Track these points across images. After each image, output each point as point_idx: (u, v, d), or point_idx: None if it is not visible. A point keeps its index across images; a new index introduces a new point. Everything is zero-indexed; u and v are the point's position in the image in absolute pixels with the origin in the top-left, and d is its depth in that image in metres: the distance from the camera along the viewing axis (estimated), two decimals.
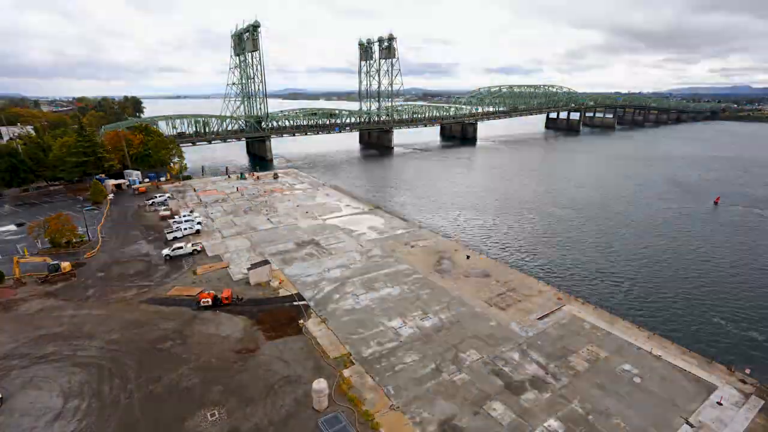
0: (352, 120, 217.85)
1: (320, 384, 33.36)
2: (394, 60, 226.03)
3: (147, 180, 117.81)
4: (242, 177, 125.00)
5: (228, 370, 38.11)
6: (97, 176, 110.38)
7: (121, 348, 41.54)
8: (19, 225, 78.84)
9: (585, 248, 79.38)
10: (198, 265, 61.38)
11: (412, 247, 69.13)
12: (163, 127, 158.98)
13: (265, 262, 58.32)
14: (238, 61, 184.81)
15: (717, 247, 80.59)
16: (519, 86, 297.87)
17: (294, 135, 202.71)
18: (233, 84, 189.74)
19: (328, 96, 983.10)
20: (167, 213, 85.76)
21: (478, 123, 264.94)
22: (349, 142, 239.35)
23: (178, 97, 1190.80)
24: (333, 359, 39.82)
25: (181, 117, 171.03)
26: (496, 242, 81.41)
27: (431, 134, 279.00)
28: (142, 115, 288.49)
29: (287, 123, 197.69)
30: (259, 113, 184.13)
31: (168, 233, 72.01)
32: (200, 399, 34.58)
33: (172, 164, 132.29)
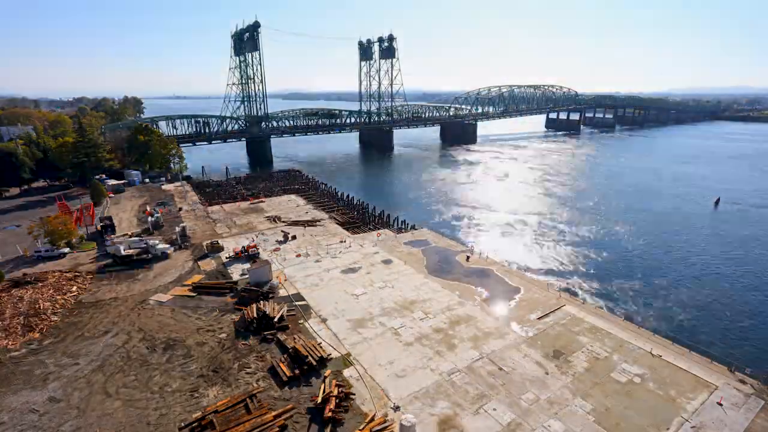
0: (352, 120, 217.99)
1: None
2: (394, 60, 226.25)
3: (147, 180, 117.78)
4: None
5: None
6: (97, 176, 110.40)
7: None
8: (17, 225, 78.79)
9: (585, 248, 79.42)
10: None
11: (413, 246, 69.08)
12: (163, 128, 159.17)
13: (266, 262, 58.28)
14: (238, 62, 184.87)
15: (716, 247, 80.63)
16: (519, 86, 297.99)
17: (294, 135, 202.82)
18: (233, 84, 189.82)
19: (329, 96, 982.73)
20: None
21: (478, 123, 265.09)
22: (349, 142, 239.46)
23: (178, 97, 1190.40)
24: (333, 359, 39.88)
25: (181, 117, 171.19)
26: (497, 242, 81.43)
27: (431, 134, 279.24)
28: (142, 115, 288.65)
29: (287, 123, 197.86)
30: (259, 113, 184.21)
31: None
32: None
33: (172, 165, 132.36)
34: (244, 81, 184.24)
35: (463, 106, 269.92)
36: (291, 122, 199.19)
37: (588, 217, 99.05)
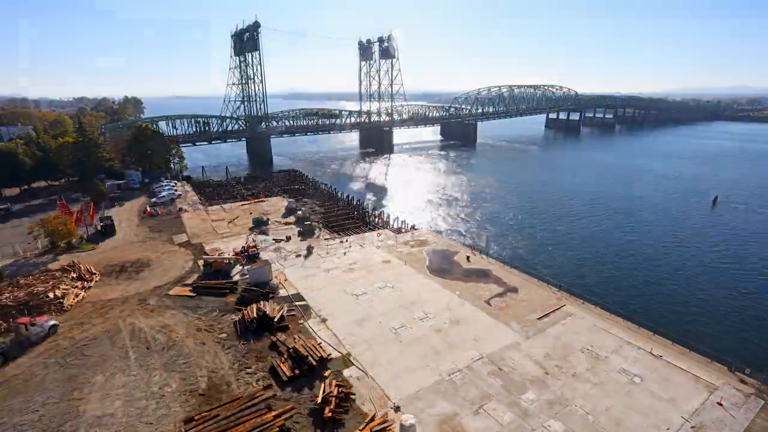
0: (352, 120, 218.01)
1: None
2: (394, 60, 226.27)
3: (147, 180, 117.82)
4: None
5: None
6: (97, 176, 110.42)
7: None
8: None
9: (585, 248, 79.42)
10: None
11: (412, 246, 69.13)
12: (163, 128, 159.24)
13: (266, 262, 58.29)
14: (238, 62, 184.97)
15: (716, 247, 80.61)
16: (519, 86, 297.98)
17: (294, 135, 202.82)
18: (233, 84, 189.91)
19: (329, 96, 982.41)
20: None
21: (478, 123, 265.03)
22: (349, 142, 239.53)
23: (179, 97, 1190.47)
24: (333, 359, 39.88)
25: (181, 117, 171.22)
26: (497, 242, 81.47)
27: (431, 134, 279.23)
28: (142, 115, 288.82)
29: (287, 123, 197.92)
30: (259, 113, 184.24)
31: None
32: None
33: (172, 165, 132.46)
34: (244, 81, 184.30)
35: (463, 106, 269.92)
36: (291, 122, 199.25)
37: (589, 217, 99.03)
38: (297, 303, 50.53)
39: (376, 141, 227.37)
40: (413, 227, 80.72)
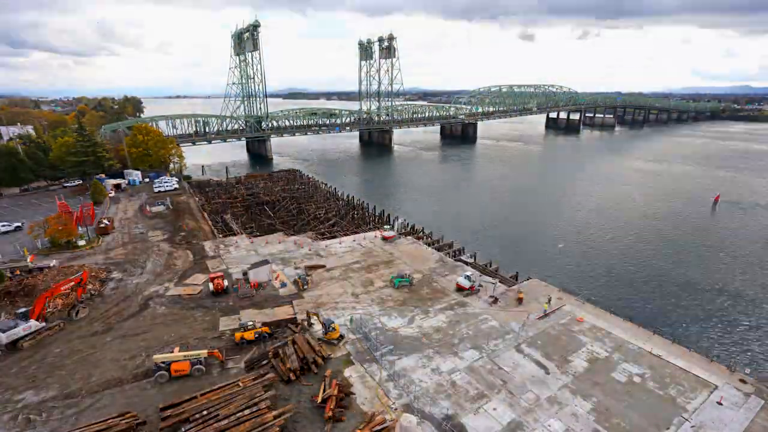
0: (352, 120, 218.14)
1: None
2: (394, 60, 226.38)
3: (147, 180, 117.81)
4: None
5: None
6: (97, 176, 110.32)
7: None
8: (18, 228, 78.49)
9: (585, 248, 79.45)
10: None
11: (411, 245, 69.06)
12: (163, 127, 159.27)
13: (265, 262, 58.22)
14: (238, 61, 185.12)
15: (717, 246, 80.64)
16: (519, 86, 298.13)
17: (294, 135, 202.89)
18: (233, 84, 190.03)
19: (329, 95, 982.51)
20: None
21: (478, 123, 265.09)
22: (349, 141, 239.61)
23: (179, 96, 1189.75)
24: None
25: (181, 117, 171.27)
26: (497, 242, 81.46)
27: (431, 134, 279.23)
28: (141, 115, 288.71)
29: (287, 123, 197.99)
30: (259, 113, 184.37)
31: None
32: None
33: (172, 164, 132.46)
34: (244, 80, 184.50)
35: (463, 106, 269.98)
36: (291, 122, 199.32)
37: (588, 217, 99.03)
38: (294, 302, 50.53)
39: (376, 140, 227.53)
40: (413, 227, 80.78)
